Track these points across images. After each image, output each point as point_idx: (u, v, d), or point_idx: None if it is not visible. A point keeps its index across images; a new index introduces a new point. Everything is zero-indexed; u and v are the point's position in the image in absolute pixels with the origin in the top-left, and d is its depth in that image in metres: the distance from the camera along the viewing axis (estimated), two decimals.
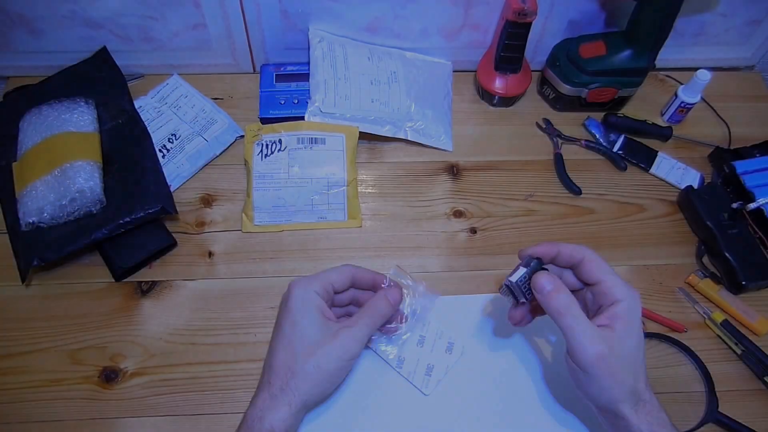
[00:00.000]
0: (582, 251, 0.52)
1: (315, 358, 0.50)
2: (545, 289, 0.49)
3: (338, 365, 0.51)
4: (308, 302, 0.52)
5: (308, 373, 0.50)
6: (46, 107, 0.71)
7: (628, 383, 0.48)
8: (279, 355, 0.51)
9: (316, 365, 0.50)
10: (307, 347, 0.51)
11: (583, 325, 0.48)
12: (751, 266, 0.68)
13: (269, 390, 0.50)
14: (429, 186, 0.76)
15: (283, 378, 0.50)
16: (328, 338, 0.51)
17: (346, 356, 0.52)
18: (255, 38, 0.79)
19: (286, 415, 0.49)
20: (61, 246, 0.64)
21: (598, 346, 0.47)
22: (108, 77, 0.77)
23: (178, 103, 0.79)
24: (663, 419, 0.48)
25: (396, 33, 0.81)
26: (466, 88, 0.85)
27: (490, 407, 0.61)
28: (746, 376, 0.65)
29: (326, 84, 0.75)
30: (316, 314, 0.52)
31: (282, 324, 0.52)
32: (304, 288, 0.53)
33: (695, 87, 0.78)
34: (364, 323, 0.53)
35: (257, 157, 0.72)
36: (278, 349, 0.52)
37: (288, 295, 0.53)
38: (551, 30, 0.81)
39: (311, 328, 0.51)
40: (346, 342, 0.51)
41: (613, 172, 0.79)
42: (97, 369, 0.61)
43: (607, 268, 0.51)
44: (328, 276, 0.54)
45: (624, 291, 0.49)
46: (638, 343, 0.49)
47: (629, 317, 0.49)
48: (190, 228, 0.71)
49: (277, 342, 0.52)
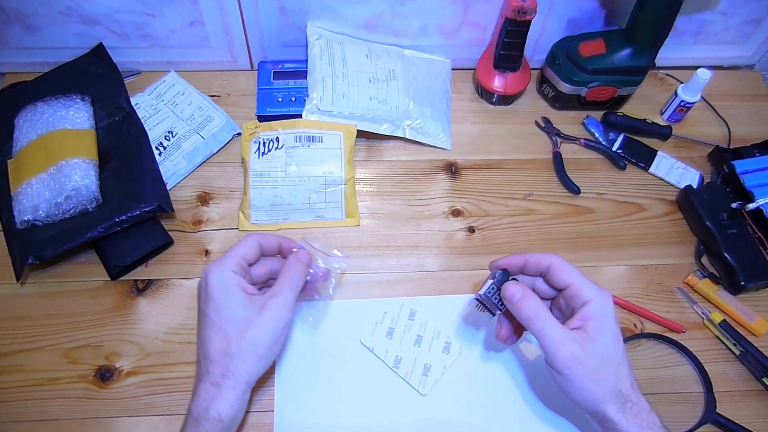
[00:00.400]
0: (549, 258, 0.53)
1: (249, 336, 0.49)
2: (515, 297, 0.51)
3: (273, 336, 0.51)
4: (227, 283, 0.51)
5: (245, 353, 0.49)
6: (41, 104, 0.71)
7: (608, 383, 0.48)
8: (212, 344, 0.49)
9: (251, 343, 0.49)
10: (238, 327, 0.49)
11: (554, 328, 0.49)
12: (750, 266, 0.68)
13: (209, 379, 0.49)
14: (427, 185, 0.76)
15: (221, 364, 0.49)
16: (255, 313, 0.50)
17: (279, 325, 0.51)
18: (253, 35, 0.78)
19: (232, 399, 0.48)
20: (56, 244, 0.63)
21: (569, 346, 0.48)
22: (104, 74, 0.77)
23: (175, 100, 0.78)
24: (653, 421, 0.48)
25: (395, 30, 0.80)
26: (465, 86, 0.85)
27: (487, 407, 0.61)
28: (744, 376, 0.64)
29: (324, 82, 0.75)
30: (238, 292, 0.51)
31: (206, 312, 0.50)
32: (220, 271, 0.51)
33: (695, 86, 0.77)
34: (286, 287, 0.53)
35: (254, 155, 0.72)
36: (209, 337, 0.50)
37: (205, 282, 0.51)
38: (551, 28, 0.81)
39: (237, 307, 0.50)
40: (275, 311, 0.51)
41: (613, 172, 0.78)
42: (92, 368, 0.61)
43: (574, 272, 0.52)
44: (237, 251, 0.53)
45: (593, 292, 0.50)
46: (614, 342, 0.49)
47: (600, 317, 0.49)
48: (186, 226, 0.71)
49: (206, 330, 0.50)
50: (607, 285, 0.68)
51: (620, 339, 0.50)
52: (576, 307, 0.51)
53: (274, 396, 0.60)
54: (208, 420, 0.47)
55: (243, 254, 0.53)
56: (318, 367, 0.62)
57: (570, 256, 0.70)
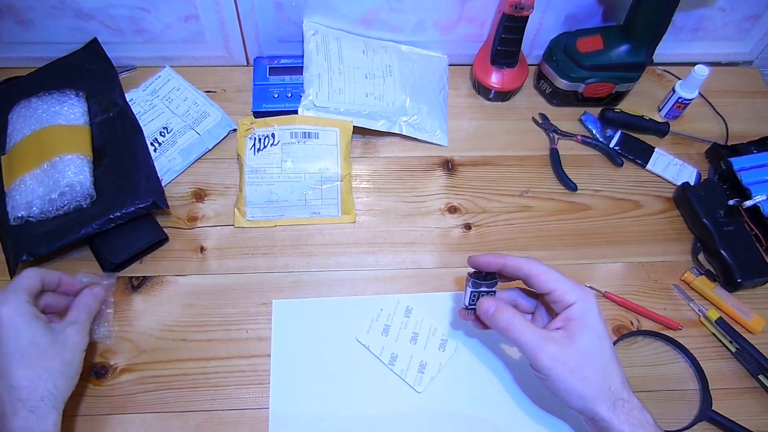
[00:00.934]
0: (528, 266, 0.52)
1: (59, 357, 0.51)
2: (489, 311, 0.52)
3: (78, 358, 0.53)
4: (24, 311, 0.50)
5: (60, 372, 0.50)
6: (35, 99, 0.70)
7: (595, 380, 0.48)
8: (17, 373, 0.48)
9: (62, 362, 0.51)
10: (45, 351, 0.50)
11: (530, 334, 0.49)
12: (746, 264, 0.68)
13: (25, 408, 0.47)
14: (424, 181, 0.75)
15: (35, 389, 0.48)
16: (60, 337, 0.52)
17: (81, 347, 0.53)
18: (248, 30, 0.78)
19: (55, 417, 0.49)
20: (50, 241, 0.63)
21: (548, 347, 0.48)
22: (99, 69, 0.76)
23: (170, 95, 0.78)
24: (646, 420, 0.48)
25: (391, 26, 0.80)
26: (462, 82, 0.85)
27: (483, 405, 0.61)
28: (740, 374, 0.64)
29: (320, 77, 0.74)
30: (37, 321, 0.51)
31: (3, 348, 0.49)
32: (14, 304, 0.50)
33: (693, 82, 0.77)
34: (84, 317, 0.55)
35: (250, 151, 0.71)
36: (11, 369, 0.48)
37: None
38: (548, 24, 0.80)
39: (40, 334, 0.50)
40: (77, 336, 0.53)
41: (610, 168, 0.78)
42: (86, 365, 0.61)
43: (555, 277, 0.51)
44: (23, 282, 0.53)
45: (575, 294, 0.50)
46: (598, 340, 0.49)
47: (582, 316, 0.49)
48: (181, 223, 0.70)
49: (7, 364, 0.49)
50: (603, 282, 0.68)
51: (606, 337, 0.50)
52: (558, 310, 0.51)
53: (269, 393, 0.60)
54: None
55: (29, 286, 0.53)
56: (313, 365, 0.62)
57: (566, 253, 0.71)
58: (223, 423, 0.59)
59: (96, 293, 0.58)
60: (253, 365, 0.62)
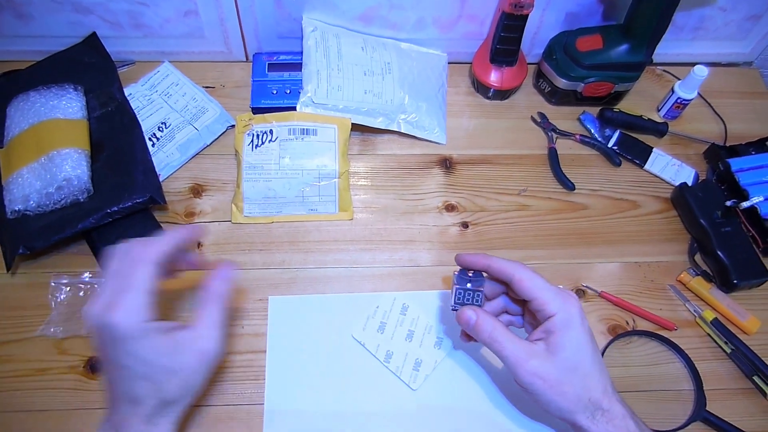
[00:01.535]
0: (513, 270, 0.51)
1: (183, 383, 0.46)
2: (470, 322, 0.51)
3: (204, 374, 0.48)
4: (142, 334, 0.44)
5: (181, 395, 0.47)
6: (33, 93, 0.70)
7: (574, 394, 0.48)
8: (138, 390, 0.45)
9: (186, 387, 0.47)
10: (169, 376, 0.45)
11: (512, 347, 0.49)
12: (743, 265, 0.68)
13: (143, 418, 0.45)
14: (422, 179, 0.75)
15: (156, 407, 0.46)
16: (187, 359, 0.46)
17: (216, 360, 0.48)
18: (248, 26, 0.78)
19: (172, 428, 0.47)
20: (47, 235, 0.63)
21: (529, 363, 0.48)
22: (97, 64, 0.76)
23: (169, 91, 0.78)
24: (626, 427, 0.47)
25: (391, 23, 0.79)
26: (462, 80, 0.84)
27: (478, 403, 0.61)
28: (735, 375, 0.64)
29: (319, 74, 0.74)
30: (159, 340, 0.45)
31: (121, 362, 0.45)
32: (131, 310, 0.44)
33: (692, 83, 0.77)
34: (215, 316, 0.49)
35: (248, 147, 0.71)
36: (134, 383, 0.45)
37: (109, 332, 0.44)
38: (548, 22, 0.80)
39: (162, 356, 0.45)
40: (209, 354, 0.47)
41: (608, 168, 0.78)
42: (82, 359, 0.61)
43: (538, 285, 0.50)
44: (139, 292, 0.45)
45: (556, 305, 0.49)
46: (579, 353, 0.49)
47: (563, 330, 0.49)
48: (179, 218, 0.70)
49: (128, 378, 0.45)
50: (600, 282, 0.68)
51: (588, 347, 0.49)
52: (541, 319, 0.50)
53: (264, 389, 0.60)
54: None
55: (146, 289, 0.45)
56: (309, 361, 0.62)
57: (563, 252, 0.71)
58: (217, 418, 0.59)
59: (227, 275, 0.50)
60: (249, 361, 0.62)
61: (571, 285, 0.69)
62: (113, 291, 0.45)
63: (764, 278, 0.68)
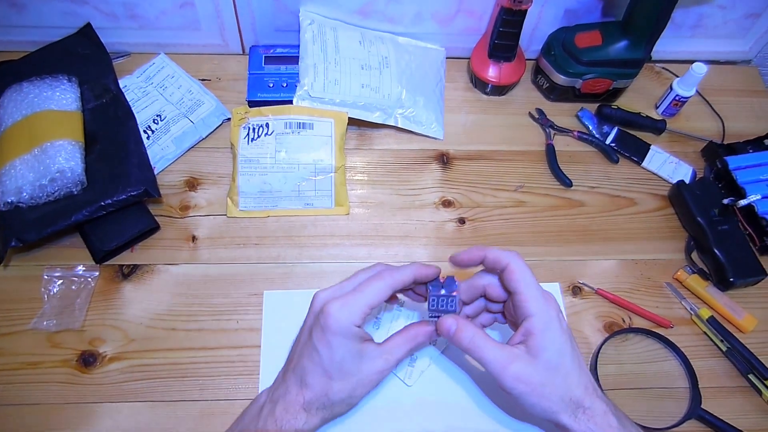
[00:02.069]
0: (507, 258, 0.51)
1: (350, 388, 0.50)
2: (450, 331, 0.51)
3: (367, 391, 0.51)
4: (348, 331, 0.49)
5: (343, 400, 0.50)
6: (27, 84, 0.70)
7: (555, 394, 0.48)
8: (315, 377, 0.49)
9: (350, 394, 0.50)
10: (344, 377, 0.49)
11: (492, 353, 0.49)
12: (739, 263, 0.68)
13: (303, 404, 0.49)
14: (418, 174, 0.75)
15: (319, 400, 0.49)
16: (365, 368, 0.50)
17: (377, 384, 0.52)
18: (244, 18, 0.77)
19: (317, 426, 0.50)
20: (40, 227, 0.63)
21: (510, 368, 0.48)
22: (92, 55, 0.75)
23: (164, 83, 0.77)
24: (608, 424, 0.48)
25: (389, 17, 0.79)
26: (460, 75, 0.84)
27: (473, 399, 0.61)
28: (730, 373, 0.64)
29: (316, 68, 0.74)
30: (355, 343, 0.49)
31: (317, 346, 0.49)
32: (346, 318, 0.49)
33: (691, 80, 0.77)
34: (402, 352, 0.52)
35: (243, 140, 0.71)
36: (313, 369, 0.49)
37: (325, 319, 0.49)
38: (547, 18, 0.80)
39: (349, 359, 0.49)
40: (381, 374, 0.51)
41: (605, 165, 0.78)
42: (75, 353, 0.61)
43: (526, 279, 0.50)
44: (368, 298, 0.50)
45: (537, 305, 0.49)
46: (559, 354, 0.48)
47: (542, 332, 0.48)
48: (173, 211, 0.70)
49: (311, 361, 0.50)
50: (596, 279, 0.68)
51: (567, 348, 0.49)
52: (520, 318, 0.50)
53: (258, 384, 0.60)
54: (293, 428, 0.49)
55: (372, 304, 0.50)
56: None
57: (560, 249, 0.70)
58: (211, 413, 0.58)
59: (430, 332, 0.53)
60: (243, 356, 0.61)
61: (568, 282, 0.68)
62: (348, 289, 0.51)
63: (761, 277, 0.68)
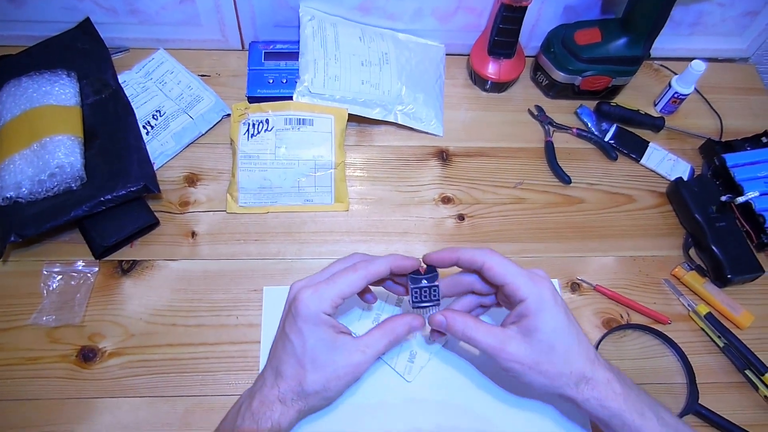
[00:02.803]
0: (482, 257, 0.51)
1: (325, 381, 0.50)
2: (442, 325, 0.52)
3: (346, 386, 0.51)
4: (319, 319, 0.49)
5: (317, 392, 0.50)
6: (26, 79, 0.69)
7: (554, 371, 0.49)
8: (288, 367, 0.50)
9: (325, 387, 0.50)
10: (318, 368, 0.50)
11: (485, 338, 0.50)
12: (737, 260, 0.68)
13: (278, 395, 0.50)
14: (418, 171, 0.75)
15: (293, 390, 0.50)
16: (339, 360, 0.50)
17: (354, 379, 0.51)
18: (244, 14, 0.77)
19: (295, 419, 0.50)
20: (39, 222, 0.62)
21: (506, 349, 0.49)
22: (91, 50, 0.75)
23: (164, 78, 0.77)
24: (612, 391, 0.49)
25: (389, 13, 0.79)
26: (459, 72, 0.84)
27: (473, 394, 0.61)
28: (727, 368, 0.65)
29: (316, 64, 0.74)
30: (327, 332, 0.50)
31: (289, 335, 0.50)
32: (316, 305, 0.49)
33: (689, 78, 0.77)
34: (381, 348, 0.52)
35: (243, 136, 0.71)
36: (287, 360, 0.50)
37: (296, 306, 0.49)
38: (547, 15, 0.80)
39: (321, 348, 0.50)
40: (357, 368, 0.51)
41: (604, 162, 0.78)
42: (74, 348, 0.60)
43: (509, 270, 0.50)
44: (339, 288, 0.50)
45: (527, 290, 0.49)
46: (554, 333, 0.49)
47: (536, 312, 0.49)
48: (173, 207, 0.70)
49: (285, 351, 0.50)
50: (595, 275, 0.68)
51: (565, 322, 0.49)
52: (513, 303, 0.51)
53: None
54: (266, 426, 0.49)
55: (344, 294, 0.50)
56: None
57: (559, 246, 0.71)
58: (211, 409, 0.58)
59: (415, 324, 0.54)
60: (243, 351, 0.62)
61: (567, 278, 0.69)
62: (321, 278, 0.52)
63: (758, 273, 0.68)
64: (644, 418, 0.48)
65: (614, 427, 0.49)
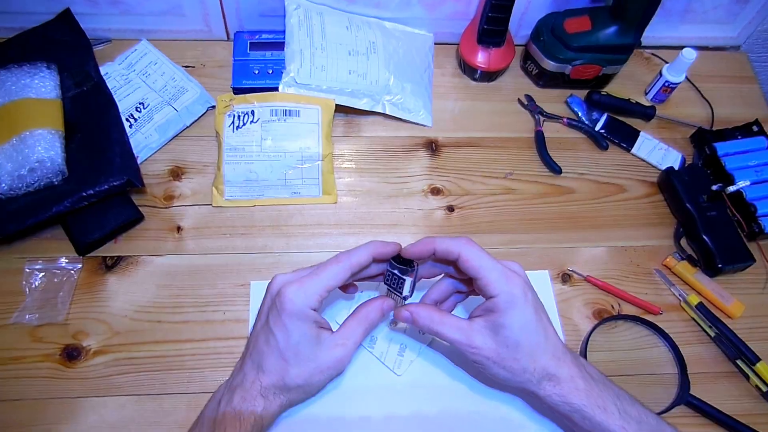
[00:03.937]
0: (458, 247, 0.50)
1: (307, 373, 0.50)
2: (408, 319, 0.53)
3: (328, 380, 0.52)
4: (303, 314, 0.49)
5: (299, 386, 0.50)
6: (4, 71, 0.68)
7: (518, 367, 0.49)
8: (271, 362, 0.50)
9: (307, 381, 0.50)
10: (300, 363, 0.50)
11: (452, 332, 0.51)
12: (728, 249, 0.68)
13: (260, 389, 0.50)
14: (407, 162, 0.74)
15: (276, 385, 0.50)
16: (322, 355, 0.50)
17: (337, 371, 0.52)
18: (228, 4, 0.75)
19: (276, 412, 0.51)
20: (20, 218, 0.61)
21: (471, 343, 0.50)
22: (72, 41, 0.73)
23: (147, 70, 0.75)
24: (576, 386, 0.49)
25: (376, 2, 0.78)
26: (448, 61, 0.83)
27: (462, 388, 0.60)
28: (719, 358, 0.65)
29: (302, 54, 0.72)
30: (310, 327, 0.50)
31: (273, 329, 0.49)
32: (301, 299, 0.49)
33: (680, 66, 0.76)
34: (358, 337, 0.53)
35: (228, 128, 0.69)
36: (269, 354, 0.50)
37: (280, 301, 0.49)
38: (536, 3, 0.79)
39: (305, 344, 0.50)
40: (340, 362, 0.51)
41: (595, 152, 0.77)
42: (58, 347, 0.59)
43: (482, 264, 0.50)
44: (324, 281, 0.50)
45: (499, 286, 0.49)
46: (520, 331, 0.49)
47: (504, 309, 0.49)
48: (158, 201, 0.69)
49: (268, 346, 0.50)
50: (585, 266, 0.68)
51: (531, 322, 0.49)
52: (484, 297, 0.51)
53: None
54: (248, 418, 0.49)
55: (329, 287, 0.50)
56: None
57: (549, 236, 0.70)
58: (198, 406, 0.57)
59: (386, 307, 0.54)
60: (230, 347, 0.61)
61: (557, 269, 0.68)
62: (305, 271, 0.51)
63: (749, 262, 0.68)
64: (606, 412, 0.49)
65: (576, 422, 0.50)
